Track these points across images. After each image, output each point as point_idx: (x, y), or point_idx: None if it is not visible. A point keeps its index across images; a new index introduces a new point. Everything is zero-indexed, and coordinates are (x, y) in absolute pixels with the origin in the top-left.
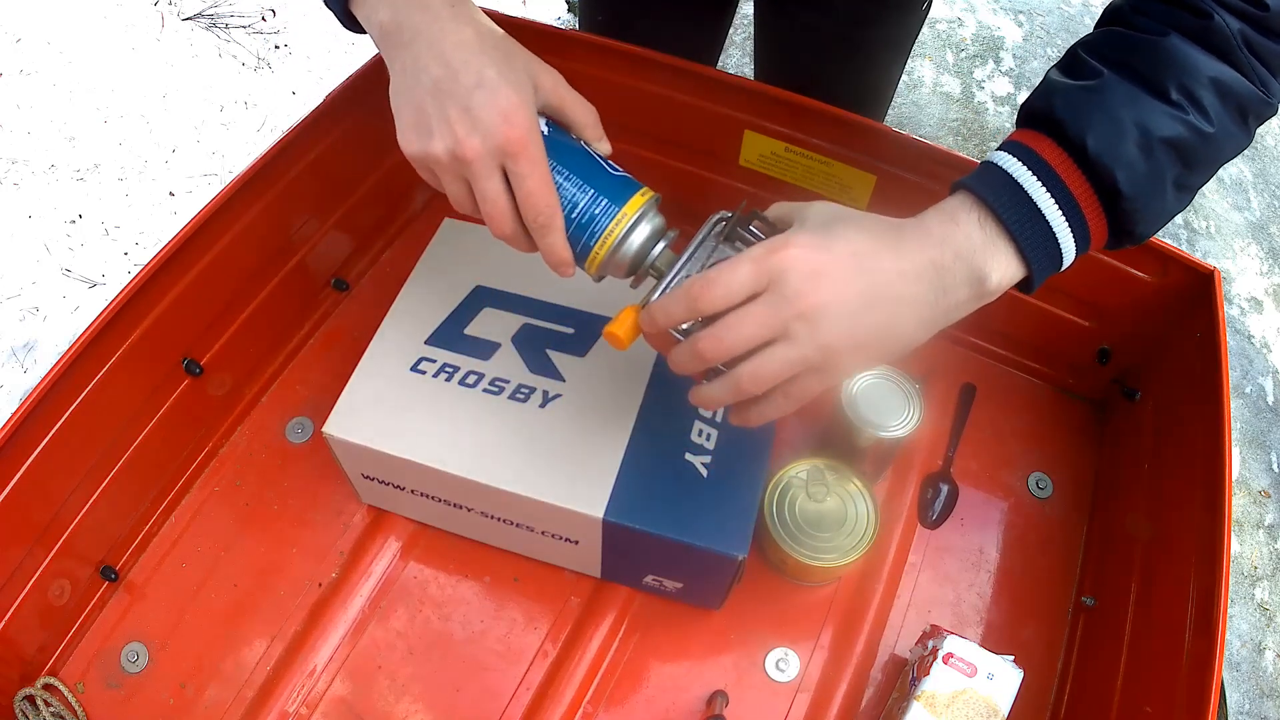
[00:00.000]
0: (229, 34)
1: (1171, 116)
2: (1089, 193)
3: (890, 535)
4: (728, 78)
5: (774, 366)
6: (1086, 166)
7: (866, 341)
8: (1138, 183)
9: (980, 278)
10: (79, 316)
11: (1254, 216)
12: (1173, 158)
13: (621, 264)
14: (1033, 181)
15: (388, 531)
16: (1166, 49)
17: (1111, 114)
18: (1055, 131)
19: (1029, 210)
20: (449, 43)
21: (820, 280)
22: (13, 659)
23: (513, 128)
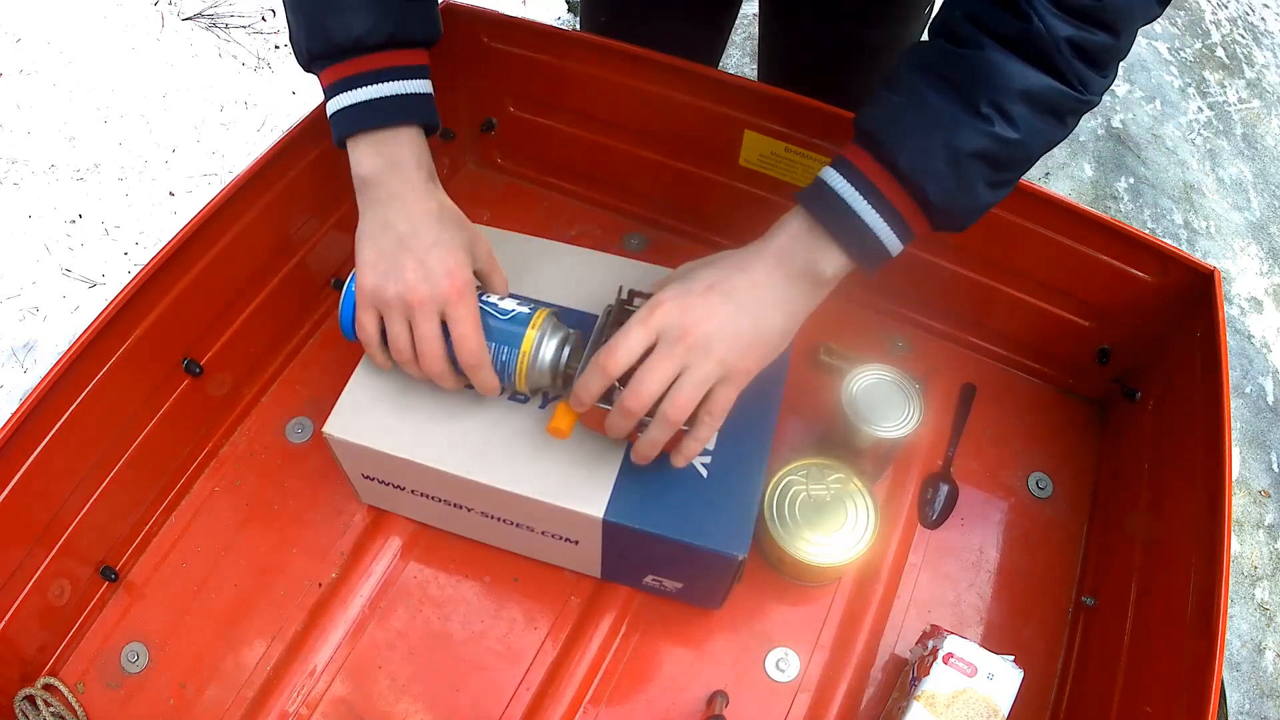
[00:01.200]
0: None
1: (979, 131)
2: (906, 199)
3: (890, 535)
4: (728, 78)
5: (688, 391)
6: (900, 179)
7: (751, 342)
8: (948, 192)
9: (814, 272)
10: (79, 316)
11: (1254, 216)
12: (982, 166)
13: (542, 381)
14: (854, 194)
15: (388, 531)
16: (980, 64)
17: (922, 133)
18: (873, 148)
19: (852, 219)
20: (417, 209)
21: (693, 315)
22: (13, 659)
23: (454, 281)
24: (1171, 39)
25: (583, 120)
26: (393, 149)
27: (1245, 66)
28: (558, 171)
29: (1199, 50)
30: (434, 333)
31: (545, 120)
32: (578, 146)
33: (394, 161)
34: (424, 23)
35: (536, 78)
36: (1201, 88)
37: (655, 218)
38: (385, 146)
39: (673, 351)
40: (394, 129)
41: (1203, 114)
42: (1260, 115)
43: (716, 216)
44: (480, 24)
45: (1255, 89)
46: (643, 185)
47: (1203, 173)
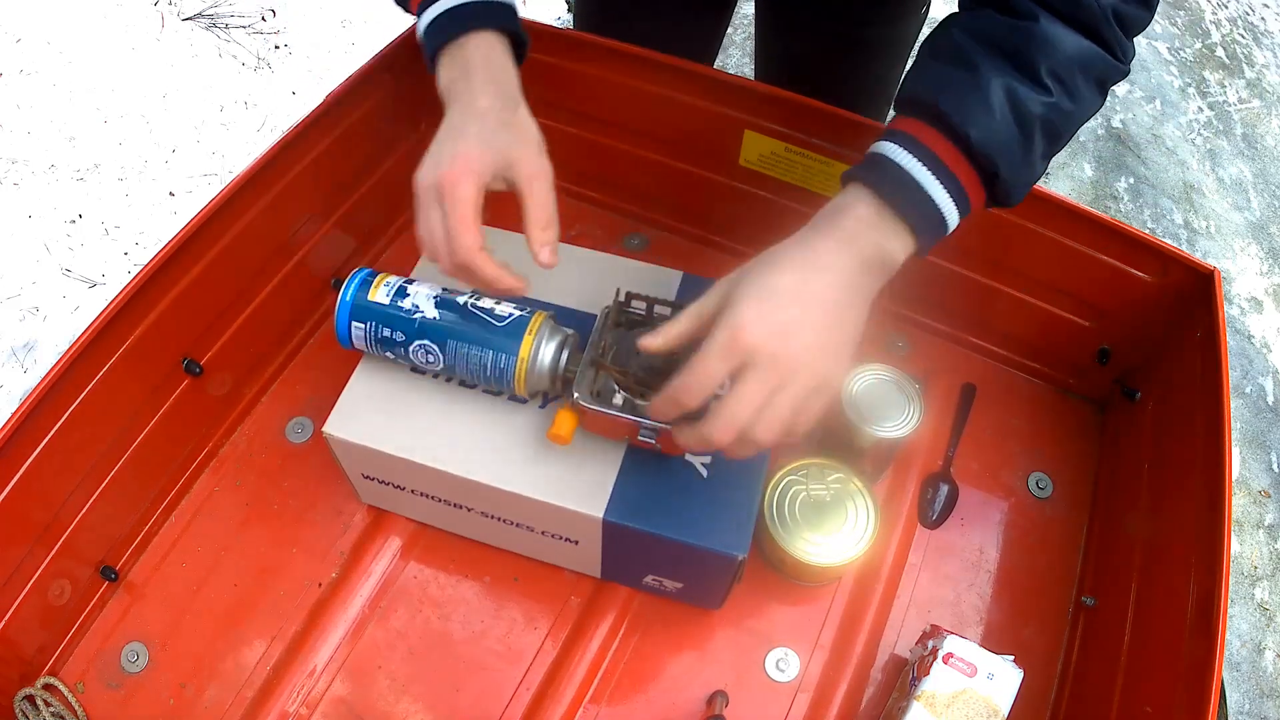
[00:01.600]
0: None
1: (1042, 103)
2: (973, 176)
3: (890, 535)
4: (728, 78)
5: (784, 415)
6: (971, 155)
7: (842, 345)
8: (1015, 166)
9: (888, 259)
10: (79, 316)
11: (1254, 216)
12: (1043, 137)
13: (541, 385)
14: (924, 173)
15: (388, 531)
16: (1038, 34)
17: (990, 105)
18: (940, 123)
19: (922, 197)
20: (465, 108)
21: (784, 335)
22: (13, 659)
23: (452, 170)
24: (1171, 39)
25: (583, 120)
26: (463, 56)
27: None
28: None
29: (1199, 50)
30: (433, 221)
31: (545, 120)
32: (578, 146)
33: (464, 69)
34: None
35: (537, 78)
36: (1201, 88)
37: (655, 218)
38: (458, 55)
39: (767, 378)
40: (466, 36)
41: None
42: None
43: (716, 216)
44: None
45: (1255, 89)
46: (643, 185)
47: (1203, 173)
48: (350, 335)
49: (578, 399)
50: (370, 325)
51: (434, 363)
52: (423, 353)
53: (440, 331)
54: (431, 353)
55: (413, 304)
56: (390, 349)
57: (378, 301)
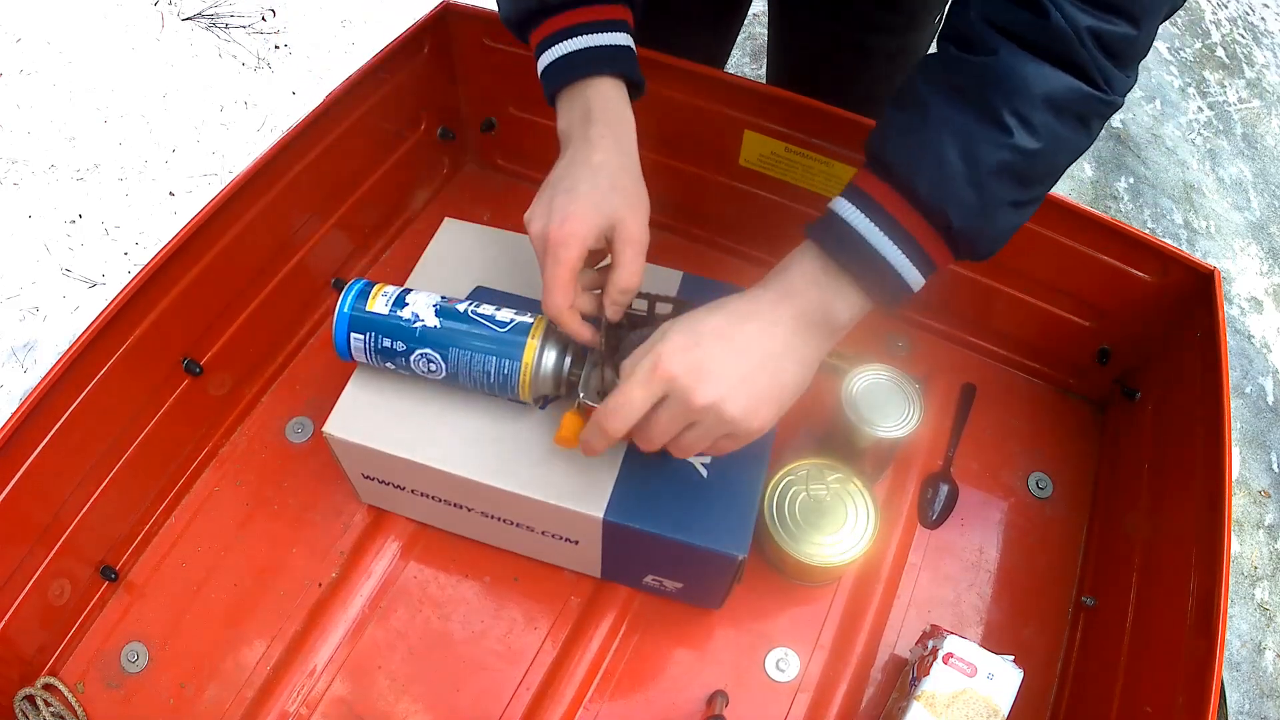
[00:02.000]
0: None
1: (999, 144)
2: (926, 229)
3: (890, 535)
4: (728, 77)
5: (695, 444)
6: (919, 206)
7: (765, 399)
8: (970, 215)
9: (831, 317)
10: (79, 316)
11: (1254, 216)
12: (1005, 184)
13: (545, 389)
14: (870, 228)
15: (388, 531)
16: (996, 69)
17: (938, 152)
18: (886, 174)
19: (871, 255)
20: (582, 160)
21: (700, 374)
22: (13, 659)
23: (560, 230)
24: (1171, 39)
25: None
26: (581, 102)
27: (1245, 66)
28: None
29: (1199, 50)
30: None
31: (545, 120)
32: None
33: (582, 115)
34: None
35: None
36: (1201, 88)
37: (655, 218)
38: (575, 100)
39: (684, 413)
40: (583, 82)
41: (1203, 114)
42: (1260, 115)
43: (716, 216)
44: (480, 24)
45: (1255, 89)
46: None
47: (1203, 173)
48: (349, 347)
49: (586, 401)
50: (370, 336)
51: (436, 371)
52: (424, 362)
53: (442, 339)
54: (434, 361)
55: (413, 313)
56: (391, 359)
57: (377, 312)
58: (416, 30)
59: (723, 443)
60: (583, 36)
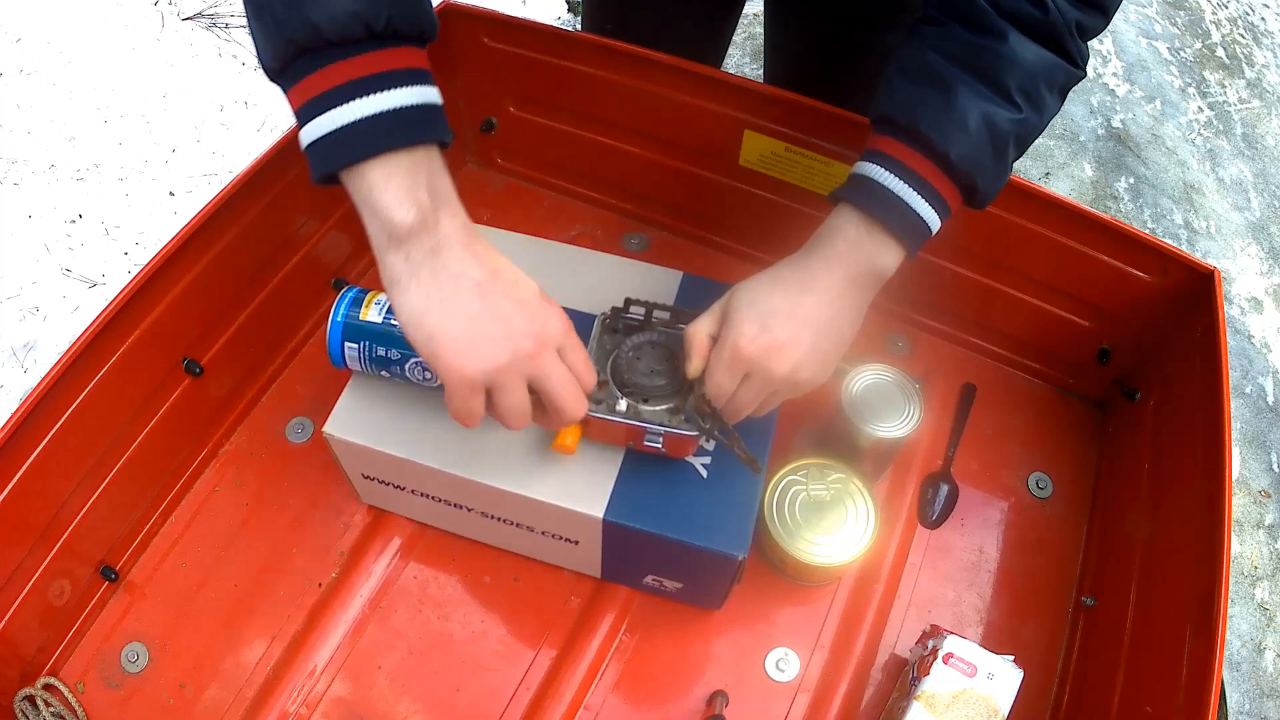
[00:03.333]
0: (229, 34)
1: (1013, 119)
2: (951, 187)
3: (890, 535)
4: (728, 78)
5: (772, 404)
6: (950, 171)
7: (830, 357)
8: (990, 178)
9: (879, 271)
10: (79, 316)
11: (1254, 216)
12: (1013, 147)
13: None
14: (909, 191)
15: (388, 531)
16: (1007, 53)
17: (966, 125)
18: (920, 143)
19: (908, 213)
20: (477, 246)
21: (776, 353)
22: (13, 659)
23: (557, 310)
24: (1171, 39)
25: (583, 120)
26: (430, 179)
27: (1245, 66)
28: (558, 171)
29: (1199, 50)
30: (565, 373)
31: (545, 120)
32: (578, 146)
33: (436, 196)
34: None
35: (536, 78)
36: (1201, 88)
37: (655, 218)
38: (420, 176)
39: (762, 387)
40: (424, 150)
41: (1203, 114)
42: (1260, 115)
43: (716, 216)
44: (480, 24)
45: (1255, 89)
46: (643, 185)
47: (1203, 173)
48: (344, 356)
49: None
50: (364, 345)
51: (431, 379)
52: (419, 370)
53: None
54: (429, 370)
55: None
56: (385, 367)
57: (370, 320)
58: None
59: (794, 395)
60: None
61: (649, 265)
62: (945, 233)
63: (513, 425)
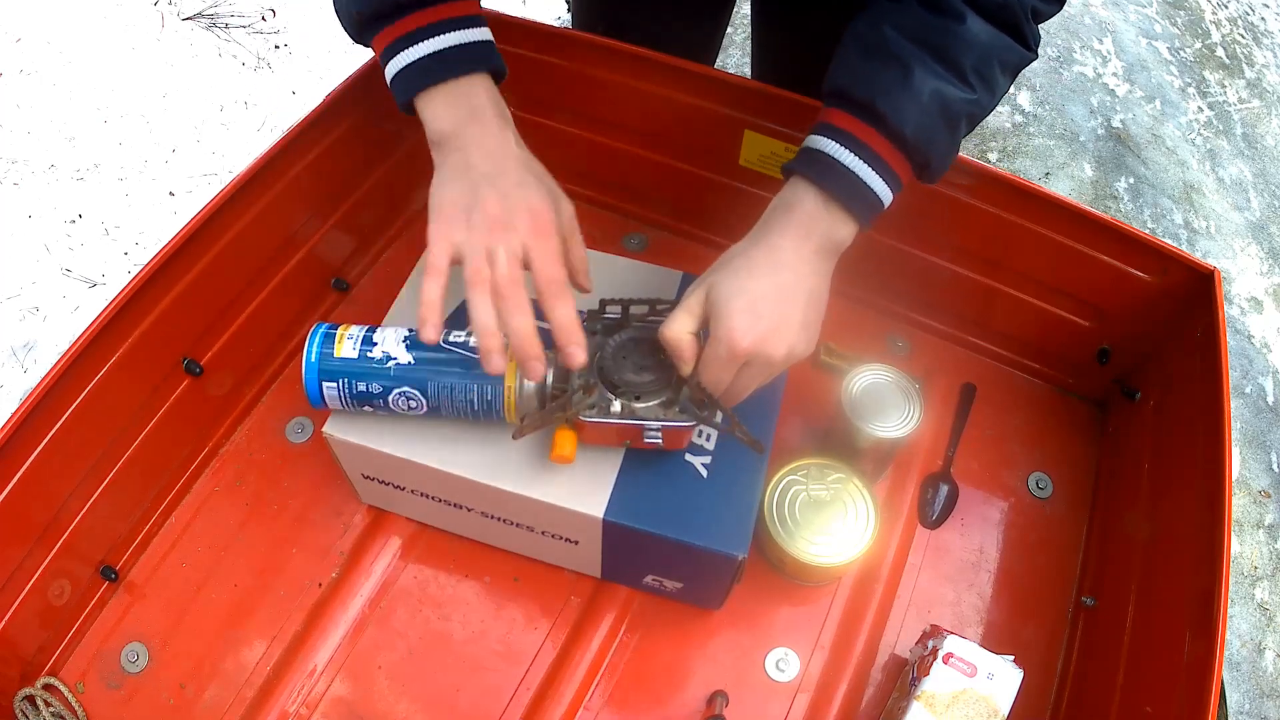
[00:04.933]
0: (229, 34)
1: (967, 100)
2: (905, 165)
3: (890, 535)
4: (728, 77)
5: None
6: (904, 147)
7: (815, 326)
8: (942, 154)
9: (838, 242)
10: (79, 316)
11: (1254, 216)
12: (965, 126)
13: (530, 406)
14: (863, 167)
15: (388, 531)
16: (964, 34)
17: (922, 103)
18: (875, 119)
19: (862, 188)
20: (499, 151)
21: (772, 338)
22: (13, 659)
23: (539, 218)
24: (1171, 39)
25: (583, 120)
26: (469, 98)
27: (1245, 66)
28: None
29: (1199, 50)
30: (516, 267)
31: (545, 120)
32: (578, 146)
33: (473, 110)
34: None
35: (536, 78)
36: (1201, 88)
37: (655, 218)
38: (460, 97)
39: (762, 371)
40: (466, 78)
41: (1203, 114)
42: (1260, 115)
43: (716, 216)
44: None
45: (1255, 89)
46: (643, 185)
47: (1203, 173)
48: (323, 396)
49: (580, 415)
50: (342, 383)
51: (417, 408)
52: (404, 400)
53: (418, 375)
54: (414, 399)
55: (383, 352)
56: (368, 402)
57: (345, 357)
58: None
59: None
60: (452, 34)
61: (649, 265)
62: (946, 233)
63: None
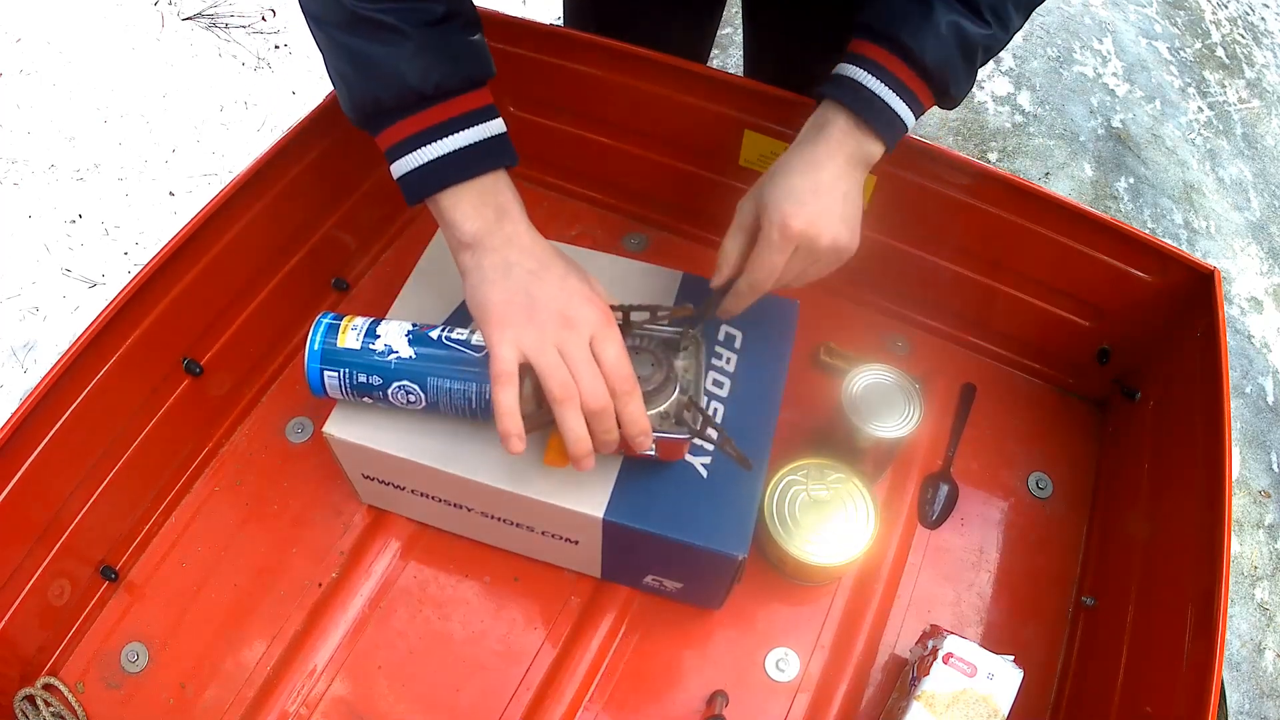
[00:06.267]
0: (229, 34)
1: (983, 34)
2: (926, 91)
3: (890, 535)
4: (728, 77)
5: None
6: (925, 75)
7: (855, 223)
8: (960, 82)
9: (867, 156)
10: (79, 316)
11: (1254, 216)
12: (981, 57)
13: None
14: (889, 93)
15: (388, 531)
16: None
17: (940, 35)
18: (899, 50)
19: (888, 113)
20: (534, 247)
21: (817, 224)
22: (13, 659)
23: (599, 305)
24: (1171, 39)
25: (583, 120)
26: (495, 198)
27: (1245, 66)
28: (558, 171)
29: (1199, 50)
30: (587, 356)
31: (545, 120)
32: (578, 146)
33: (500, 210)
34: (484, 60)
35: (536, 78)
36: (1201, 88)
37: (655, 218)
38: (487, 196)
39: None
40: (489, 175)
41: (1203, 114)
42: (1260, 115)
43: (716, 216)
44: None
45: (1255, 89)
46: (643, 185)
47: (1203, 173)
48: (324, 384)
49: None
50: (344, 372)
51: (416, 403)
52: (403, 394)
53: (418, 370)
54: (412, 393)
55: (385, 345)
56: (368, 393)
57: (348, 347)
58: None
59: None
60: (472, 129)
61: (649, 265)
62: (946, 233)
63: (554, 390)
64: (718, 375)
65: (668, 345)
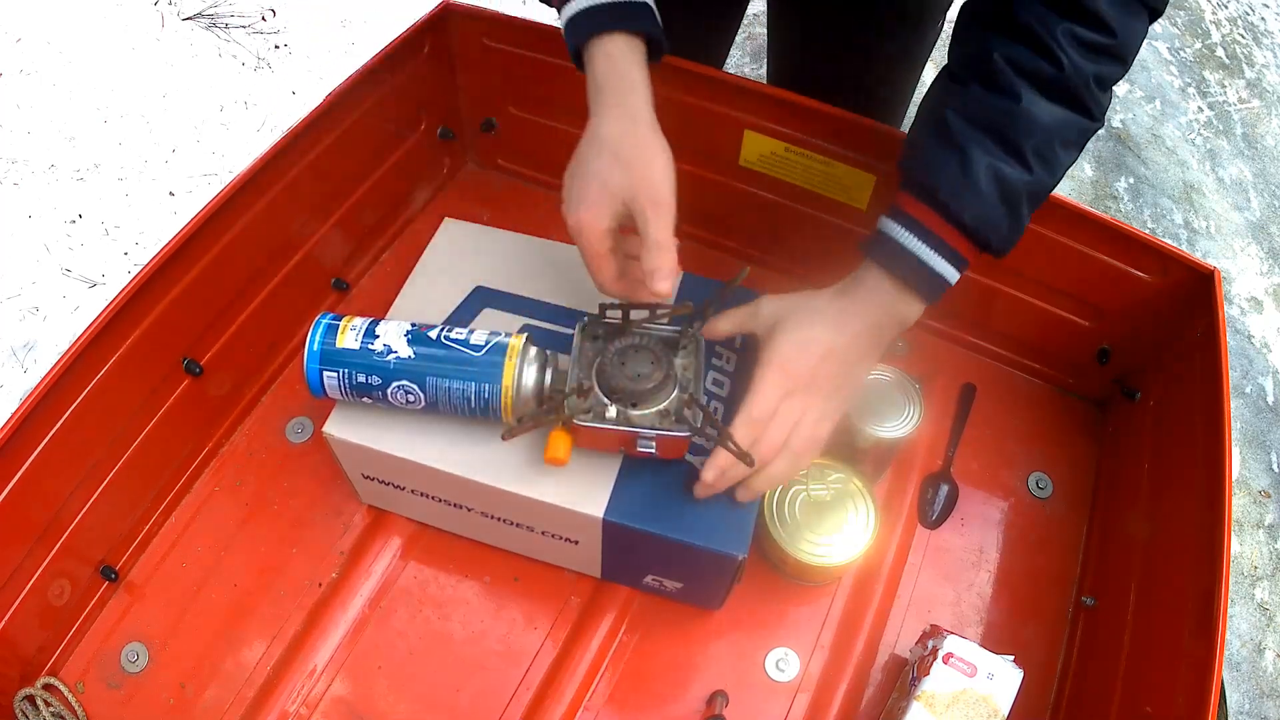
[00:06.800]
0: (229, 34)
1: (1027, 181)
2: (969, 247)
3: (890, 535)
4: (728, 77)
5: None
6: (966, 233)
7: (848, 394)
8: (1004, 236)
9: (902, 319)
10: (79, 316)
11: (1254, 216)
12: (1028, 206)
13: (527, 408)
14: (929, 253)
15: (388, 531)
16: (1022, 114)
17: (979, 190)
18: (938, 206)
19: (928, 272)
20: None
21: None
22: (13, 659)
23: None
24: (1171, 39)
25: (583, 120)
26: (594, 67)
27: (1245, 66)
28: (558, 171)
29: (1199, 50)
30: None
31: (545, 120)
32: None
33: (595, 82)
34: None
35: (536, 78)
36: (1201, 88)
37: None
38: (592, 63)
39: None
40: (596, 40)
41: (1203, 114)
42: (1260, 115)
43: (716, 216)
44: (480, 24)
45: (1255, 89)
46: None
47: (1203, 173)
48: (323, 385)
49: (576, 419)
50: (343, 372)
51: (415, 403)
52: (402, 394)
53: (417, 370)
54: (411, 393)
55: (384, 345)
56: (367, 393)
57: (347, 347)
58: (416, 30)
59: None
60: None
61: None
62: None
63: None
64: (717, 375)
65: (667, 344)
